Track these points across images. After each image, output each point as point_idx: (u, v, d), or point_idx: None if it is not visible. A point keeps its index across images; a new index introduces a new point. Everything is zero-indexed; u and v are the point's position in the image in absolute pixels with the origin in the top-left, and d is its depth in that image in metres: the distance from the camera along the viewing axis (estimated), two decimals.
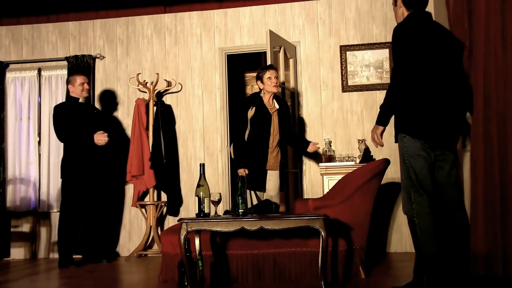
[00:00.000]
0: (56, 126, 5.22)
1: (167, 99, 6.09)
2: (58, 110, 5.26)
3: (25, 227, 6.13)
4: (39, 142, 6.23)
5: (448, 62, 3.14)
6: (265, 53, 6.15)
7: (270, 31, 5.35)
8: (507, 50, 2.98)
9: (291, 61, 5.78)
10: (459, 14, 3.38)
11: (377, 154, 5.44)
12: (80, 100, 5.35)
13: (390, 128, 3.22)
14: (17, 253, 6.10)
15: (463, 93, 3.22)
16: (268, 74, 4.70)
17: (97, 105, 6.10)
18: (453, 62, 3.18)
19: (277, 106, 4.83)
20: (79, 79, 5.33)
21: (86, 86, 5.36)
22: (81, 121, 5.25)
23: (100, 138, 5.20)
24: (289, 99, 5.70)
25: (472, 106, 3.20)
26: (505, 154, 2.98)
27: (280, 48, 5.54)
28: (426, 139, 3.06)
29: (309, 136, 5.78)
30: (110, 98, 6.17)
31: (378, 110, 3.21)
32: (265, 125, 4.73)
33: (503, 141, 2.98)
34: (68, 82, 5.44)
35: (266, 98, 4.79)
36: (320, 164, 5.41)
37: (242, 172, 4.66)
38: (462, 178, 3.90)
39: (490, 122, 3.05)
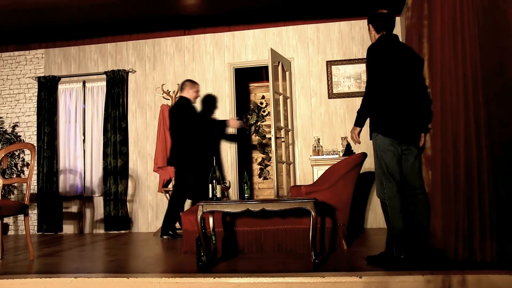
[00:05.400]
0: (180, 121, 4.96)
1: None
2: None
3: (74, 208, 6.18)
4: (84, 140, 6.27)
5: (410, 75, 3.17)
6: (266, 67, 6.19)
7: (271, 49, 5.34)
8: (458, 66, 3.00)
9: (287, 73, 5.79)
10: (410, 37, 3.42)
11: (357, 148, 5.44)
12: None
13: (367, 127, 3.25)
14: (68, 228, 6.16)
15: (423, 100, 3.23)
16: None
17: (135, 109, 6.14)
18: (414, 75, 3.20)
19: None
20: (197, 87, 5.12)
21: (198, 94, 5.18)
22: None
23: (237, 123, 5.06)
24: (285, 105, 5.71)
25: (430, 112, 3.22)
26: (457, 147, 2.99)
27: (279, 63, 5.54)
28: (393, 137, 3.09)
29: (301, 134, 5.79)
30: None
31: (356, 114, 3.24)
32: None
33: (456, 136, 3.00)
34: (186, 86, 5.09)
35: None
36: (311, 156, 5.43)
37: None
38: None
39: (446, 121, 3.06)
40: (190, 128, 4.91)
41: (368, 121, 3.21)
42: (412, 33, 3.38)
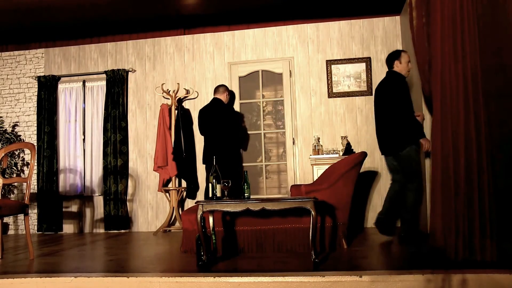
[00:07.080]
0: None
1: (186, 104, 6.10)
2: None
3: (74, 208, 6.18)
4: (84, 140, 6.27)
5: (380, 106, 4.29)
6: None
7: (229, 63, 5.59)
8: (458, 65, 3.00)
9: (283, 74, 5.77)
10: (421, 36, 3.41)
11: (357, 148, 5.44)
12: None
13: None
14: (68, 228, 6.16)
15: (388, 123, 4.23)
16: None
17: (135, 109, 6.14)
18: (382, 105, 4.25)
19: None
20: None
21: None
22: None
23: None
24: (282, 107, 5.71)
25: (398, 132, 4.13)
26: (457, 147, 2.99)
27: (259, 71, 5.72)
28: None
29: (301, 133, 5.79)
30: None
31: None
32: None
33: (456, 135, 3.00)
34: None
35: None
36: (311, 156, 5.42)
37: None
38: (424, 166, 3.92)
39: (446, 120, 3.06)
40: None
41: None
42: (420, 33, 3.39)
